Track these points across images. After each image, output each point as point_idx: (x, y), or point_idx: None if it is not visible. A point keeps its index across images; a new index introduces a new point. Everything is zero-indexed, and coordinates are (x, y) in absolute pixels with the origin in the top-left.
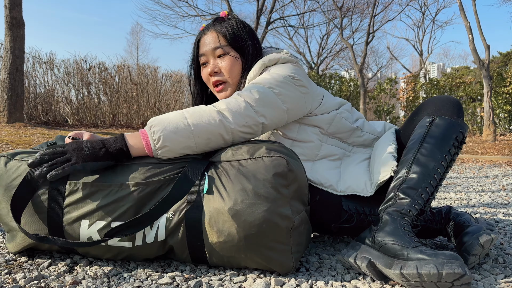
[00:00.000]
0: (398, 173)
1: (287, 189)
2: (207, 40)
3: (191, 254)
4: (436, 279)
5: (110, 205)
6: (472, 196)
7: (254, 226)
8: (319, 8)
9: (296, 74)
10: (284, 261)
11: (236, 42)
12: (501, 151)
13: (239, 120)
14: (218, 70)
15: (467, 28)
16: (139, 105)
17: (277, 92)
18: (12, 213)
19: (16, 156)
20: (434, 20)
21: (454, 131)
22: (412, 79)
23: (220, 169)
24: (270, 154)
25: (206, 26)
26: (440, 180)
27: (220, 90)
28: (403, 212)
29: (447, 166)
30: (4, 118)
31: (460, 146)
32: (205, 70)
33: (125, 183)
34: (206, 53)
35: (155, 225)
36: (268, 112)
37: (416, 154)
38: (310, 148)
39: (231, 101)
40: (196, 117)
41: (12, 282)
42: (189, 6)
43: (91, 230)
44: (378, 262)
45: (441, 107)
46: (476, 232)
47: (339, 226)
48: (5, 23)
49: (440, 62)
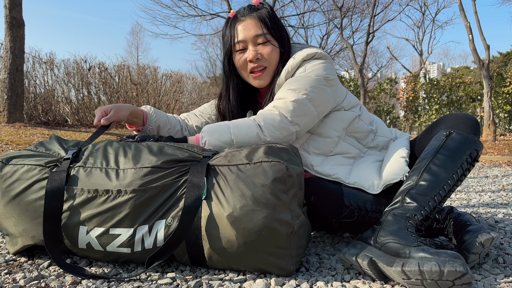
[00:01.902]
0: (408, 179)
1: (287, 194)
2: (247, 26)
3: (190, 259)
4: (437, 277)
5: (108, 212)
6: (472, 196)
7: (254, 233)
8: (319, 8)
9: (330, 74)
10: (284, 265)
11: (275, 30)
12: (501, 151)
13: (274, 133)
14: (260, 56)
15: (467, 28)
16: (139, 105)
17: (311, 98)
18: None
19: (11, 160)
20: (434, 20)
21: (469, 147)
22: (412, 79)
23: (218, 174)
24: (269, 159)
25: (242, 13)
26: (449, 192)
27: (259, 77)
28: (408, 216)
29: (457, 179)
30: (4, 118)
31: (473, 163)
32: (242, 56)
33: (123, 190)
34: (246, 38)
35: (154, 231)
36: (302, 120)
37: (429, 163)
38: (326, 144)
39: (267, 115)
40: (238, 128)
41: (12, 282)
42: (189, 6)
43: (89, 236)
44: (380, 260)
45: (459, 123)
46: (476, 231)
47: (340, 221)
48: (5, 23)
49: (440, 62)
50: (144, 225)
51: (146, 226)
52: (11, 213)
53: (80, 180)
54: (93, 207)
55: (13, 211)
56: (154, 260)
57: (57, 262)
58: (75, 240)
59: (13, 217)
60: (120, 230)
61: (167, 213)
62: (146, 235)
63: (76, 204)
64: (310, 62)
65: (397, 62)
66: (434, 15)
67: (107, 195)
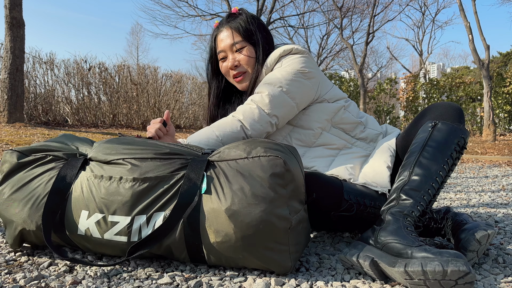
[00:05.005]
0: (400, 175)
1: (285, 189)
2: (223, 37)
3: (189, 254)
4: (440, 276)
5: (108, 198)
6: (472, 196)
7: (251, 226)
8: (319, 8)
9: (306, 67)
10: (282, 261)
11: (249, 36)
12: (501, 151)
13: (255, 126)
14: (238, 63)
15: (467, 28)
16: (139, 105)
17: (286, 90)
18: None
19: (31, 152)
20: (434, 20)
21: (455, 136)
22: (412, 79)
23: (217, 168)
24: (267, 154)
25: (220, 23)
26: (442, 183)
27: (240, 81)
28: (406, 213)
29: (448, 169)
30: (4, 118)
31: (461, 151)
32: (224, 64)
33: (124, 177)
34: (225, 49)
35: (152, 222)
36: (279, 112)
37: (418, 157)
38: (308, 135)
39: (246, 109)
40: (222, 128)
41: (12, 282)
42: (189, 6)
43: (89, 222)
44: (381, 261)
45: (443, 113)
46: (472, 228)
47: (338, 215)
48: (5, 23)
49: (440, 62)
50: (142, 215)
51: (144, 216)
52: (19, 198)
53: (91, 168)
54: (97, 191)
55: (22, 195)
56: (136, 250)
57: (47, 240)
58: (75, 225)
59: (19, 202)
60: (118, 218)
61: (166, 206)
62: (144, 225)
63: (84, 188)
64: (287, 57)
65: (397, 62)
66: (434, 15)
67: (110, 181)
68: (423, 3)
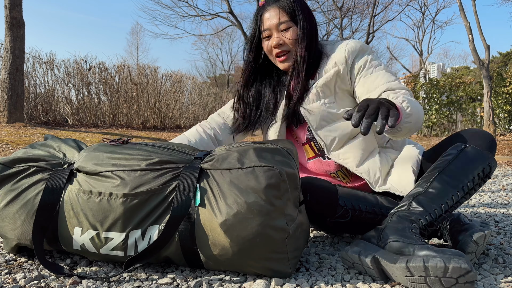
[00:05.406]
0: (418, 186)
1: (281, 200)
2: (270, 15)
3: (188, 263)
4: (442, 273)
5: (100, 215)
6: (472, 196)
7: (248, 240)
8: (319, 8)
9: None
10: (281, 269)
11: (295, 16)
12: (501, 151)
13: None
14: (283, 42)
15: (467, 28)
16: (139, 105)
17: None
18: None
19: (15, 163)
20: (434, 20)
21: (482, 162)
22: (412, 79)
23: (211, 178)
24: (262, 164)
25: (267, 1)
26: (456, 203)
27: (284, 60)
28: (413, 219)
29: (467, 192)
30: (4, 118)
31: (485, 178)
32: (268, 42)
33: (114, 193)
34: (270, 27)
35: (147, 236)
36: None
37: (440, 173)
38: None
39: (406, 90)
40: (417, 107)
41: (12, 282)
42: (189, 6)
43: (83, 238)
44: (383, 258)
45: (476, 139)
46: (468, 230)
47: (334, 221)
48: (5, 23)
49: (440, 62)
50: (137, 229)
51: (138, 230)
52: (10, 214)
53: (78, 181)
54: (88, 209)
55: (12, 211)
56: (132, 263)
57: (38, 256)
58: (70, 241)
59: (10, 218)
60: (113, 234)
61: (160, 219)
62: (139, 239)
63: (74, 204)
64: (368, 54)
65: (397, 62)
66: (434, 15)
67: (99, 197)
68: (423, 3)
